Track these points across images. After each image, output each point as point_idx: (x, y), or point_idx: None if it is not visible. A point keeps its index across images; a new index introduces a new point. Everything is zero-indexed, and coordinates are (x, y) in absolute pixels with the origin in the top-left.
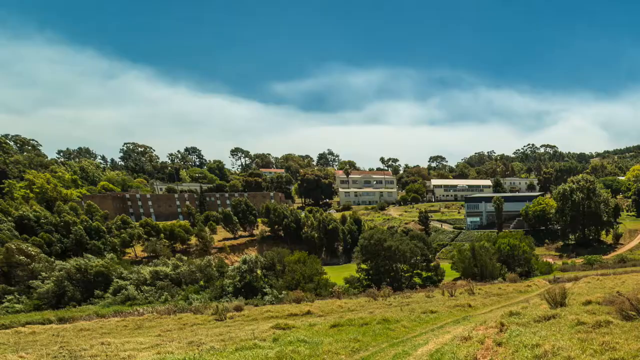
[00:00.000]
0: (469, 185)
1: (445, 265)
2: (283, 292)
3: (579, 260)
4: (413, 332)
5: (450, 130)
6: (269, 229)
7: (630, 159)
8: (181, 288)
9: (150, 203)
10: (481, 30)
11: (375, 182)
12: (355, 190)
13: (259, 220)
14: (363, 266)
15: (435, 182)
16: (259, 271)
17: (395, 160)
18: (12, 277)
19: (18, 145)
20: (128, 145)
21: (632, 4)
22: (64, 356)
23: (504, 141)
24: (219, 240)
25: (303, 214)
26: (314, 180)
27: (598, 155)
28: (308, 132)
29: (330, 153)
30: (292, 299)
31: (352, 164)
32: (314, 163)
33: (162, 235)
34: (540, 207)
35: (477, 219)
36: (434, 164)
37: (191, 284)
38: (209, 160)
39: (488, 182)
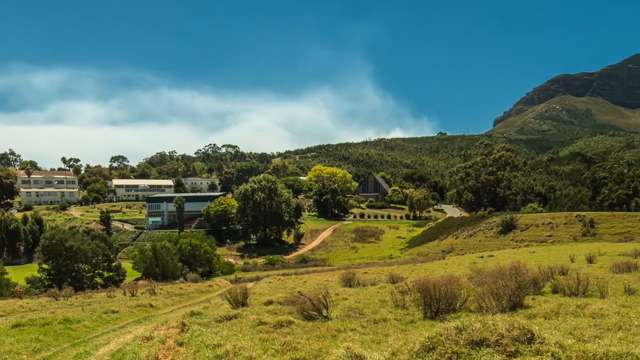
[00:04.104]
0: (150, 185)
1: (127, 265)
2: None
3: (261, 260)
4: (95, 332)
5: (132, 130)
6: None
7: (312, 159)
8: None
9: None
10: (164, 30)
11: (57, 182)
12: (37, 190)
13: None
14: (45, 266)
15: (116, 182)
16: None
17: (77, 161)
18: None
19: None
20: None
21: (318, 5)
22: None
23: (186, 141)
24: None
25: None
26: None
27: (280, 155)
28: None
29: (12, 153)
30: None
31: (33, 164)
32: None
33: None
34: (222, 207)
35: (159, 219)
36: (115, 164)
37: None
38: None
39: (170, 182)
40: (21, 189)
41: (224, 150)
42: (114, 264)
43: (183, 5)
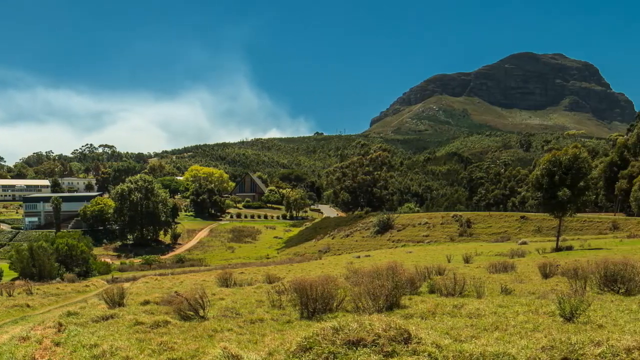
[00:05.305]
0: (27, 185)
1: (3, 265)
2: None
3: (138, 260)
4: None
5: (9, 130)
6: None
7: (189, 159)
8: None
9: None
10: (39, 29)
11: None
12: None
13: None
14: None
15: None
16: None
17: None
18: None
19: None
20: None
21: (195, 4)
22: None
23: (63, 141)
24: None
25: None
26: None
27: (157, 155)
28: None
29: None
30: None
31: None
32: None
33: None
34: (99, 207)
35: (36, 219)
36: None
37: None
38: None
39: (47, 182)
40: None
41: (100, 150)
42: None
43: (58, 4)
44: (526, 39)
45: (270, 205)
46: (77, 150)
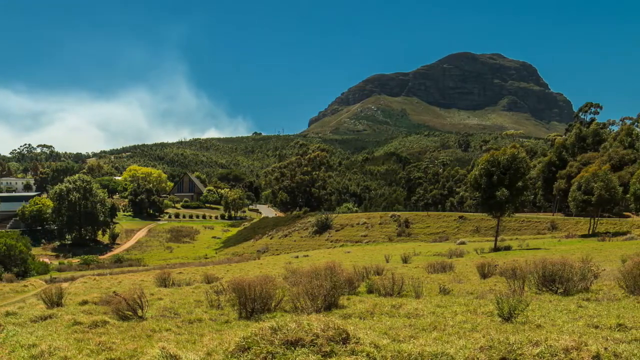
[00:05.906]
0: None
1: None
2: None
3: (76, 260)
4: None
5: None
6: None
7: (127, 159)
8: None
9: None
10: None
11: None
12: None
13: None
14: None
15: None
16: None
17: None
18: None
19: None
20: None
21: (132, 3)
22: None
23: (0, 141)
24: None
25: None
26: None
27: (95, 155)
28: None
29: None
30: None
31: None
32: None
33: None
34: (37, 207)
35: None
36: None
37: None
38: None
39: None
40: None
41: (39, 150)
42: None
43: None
44: (464, 39)
45: (208, 205)
46: (15, 150)
